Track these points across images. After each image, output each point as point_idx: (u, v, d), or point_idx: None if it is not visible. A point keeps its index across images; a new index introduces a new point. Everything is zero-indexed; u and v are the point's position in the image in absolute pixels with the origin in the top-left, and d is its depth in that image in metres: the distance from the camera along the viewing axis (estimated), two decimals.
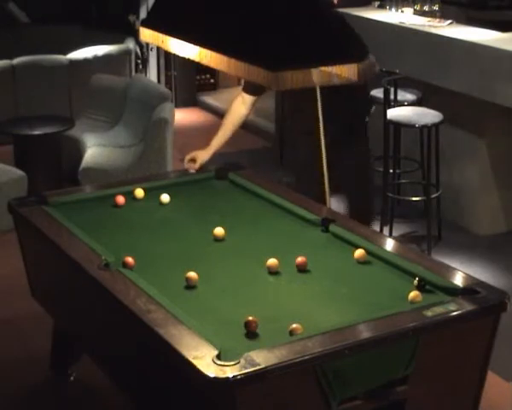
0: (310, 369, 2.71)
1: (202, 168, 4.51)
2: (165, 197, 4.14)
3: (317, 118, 4.31)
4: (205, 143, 4.60)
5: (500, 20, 6.33)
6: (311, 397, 2.75)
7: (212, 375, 2.59)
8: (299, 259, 3.43)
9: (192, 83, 9.78)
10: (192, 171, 4.48)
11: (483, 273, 5.11)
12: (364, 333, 2.88)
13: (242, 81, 4.39)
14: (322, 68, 3.57)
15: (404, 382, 2.90)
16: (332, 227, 3.78)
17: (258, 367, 2.60)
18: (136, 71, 8.98)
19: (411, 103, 6.01)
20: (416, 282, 3.21)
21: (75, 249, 3.54)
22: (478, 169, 5.95)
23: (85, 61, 8.26)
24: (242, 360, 2.63)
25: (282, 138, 7.58)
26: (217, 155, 4.55)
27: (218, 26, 3.67)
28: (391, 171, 5.94)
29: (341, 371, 2.75)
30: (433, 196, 5.79)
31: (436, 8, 6.52)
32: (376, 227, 5.76)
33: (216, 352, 2.69)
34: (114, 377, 3.56)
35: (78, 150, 6.71)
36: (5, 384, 4.26)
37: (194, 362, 2.66)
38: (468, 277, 3.29)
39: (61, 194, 4.31)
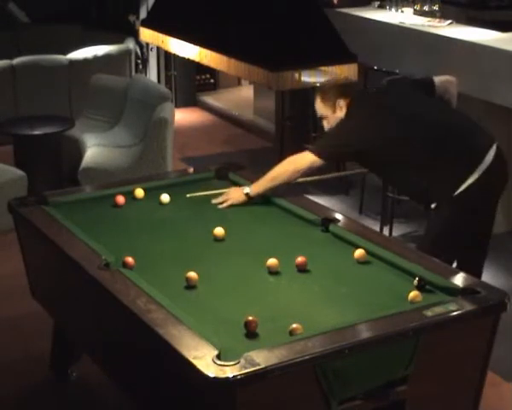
0: (310, 369, 2.71)
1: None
2: (165, 197, 4.14)
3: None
4: (205, 143, 4.60)
5: (500, 20, 6.33)
6: (311, 397, 2.75)
7: (212, 375, 2.59)
8: (299, 259, 3.43)
9: (192, 83, 9.78)
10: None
11: (483, 273, 5.11)
12: (364, 333, 2.88)
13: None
14: (323, 68, 3.58)
15: (404, 382, 2.90)
16: (332, 227, 3.78)
17: (258, 367, 2.60)
18: (136, 71, 8.98)
19: None
20: (415, 282, 3.21)
21: (75, 249, 3.54)
22: None
23: (85, 61, 8.26)
24: (242, 360, 2.63)
25: (282, 138, 7.57)
26: (217, 155, 4.55)
27: (218, 27, 3.68)
28: None
29: (341, 371, 2.75)
30: None
31: (436, 8, 6.52)
32: (376, 227, 5.77)
33: (216, 352, 2.69)
34: (114, 377, 3.56)
35: (78, 150, 6.70)
36: (5, 384, 4.26)
37: (194, 362, 2.66)
38: (468, 277, 3.29)
39: (61, 194, 4.31)
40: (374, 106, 4.16)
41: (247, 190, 4.08)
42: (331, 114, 4.16)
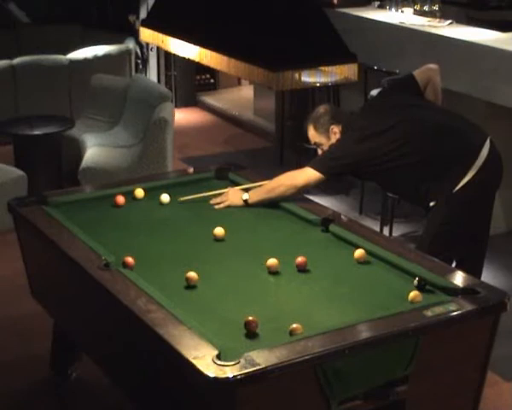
0: (310, 369, 2.71)
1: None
2: (165, 197, 4.14)
3: None
4: (205, 143, 4.60)
5: (500, 20, 6.33)
6: (311, 397, 2.75)
7: (212, 375, 2.59)
8: (299, 259, 3.43)
9: (192, 83, 9.78)
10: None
11: (483, 273, 5.11)
12: (364, 333, 2.88)
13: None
14: (323, 68, 3.58)
15: (404, 382, 2.90)
16: (332, 227, 3.78)
17: (258, 367, 2.60)
18: (136, 71, 8.98)
19: None
20: (416, 282, 3.21)
21: (75, 249, 3.54)
22: None
23: (85, 61, 8.26)
24: (242, 360, 2.63)
25: (282, 138, 7.58)
26: (217, 155, 4.54)
27: (218, 27, 3.68)
28: None
29: (341, 371, 2.75)
30: None
31: (436, 8, 6.52)
32: (376, 227, 5.77)
33: (216, 352, 2.69)
34: (114, 376, 3.55)
35: (78, 150, 6.70)
36: (5, 384, 4.26)
37: (194, 362, 2.66)
38: (468, 277, 3.29)
39: (61, 194, 4.31)
40: (367, 118, 4.17)
41: (246, 196, 4.08)
42: (326, 141, 4.17)
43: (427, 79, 4.28)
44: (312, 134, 4.22)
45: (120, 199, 4.11)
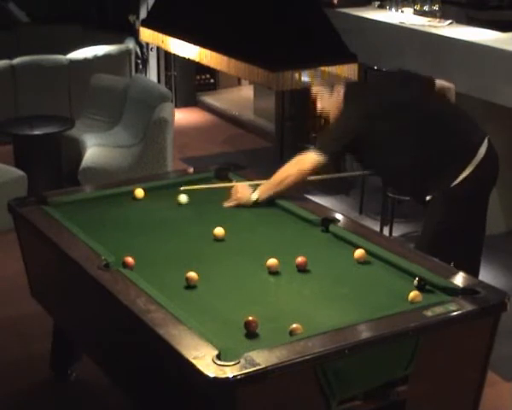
0: (310, 369, 2.71)
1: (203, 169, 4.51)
2: (139, 192, 4.14)
3: None
4: (205, 143, 4.59)
5: (500, 20, 6.33)
6: (311, 397, 2.75)
7: (212, 375, 2.59)
8: (299, 259, 3.43)
9: (192, 83, 9.79)
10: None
11: (483, 273, 5.11)
12: (364, 333, 2.88)
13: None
14: (323, 68, 3.58)
15: (404, 382, 2.90)
16: (332, 227, 3.78)
17: (258, 367, 2.60)
18: (136, 71, 8.99)
19: None
20: (416, 282, 3.21)
21: (75, 249, 3.54)
22: None
23: (85, 61, 8.27)
24: (242, 360, 2.63)
25: (282, 138, 7.58)
26: (217, 155, 4.54)
27: (218, 27, 3.68)
28: None
29: (341, 371, 2.75)
30: None
31: (436, 8, 6.52)
32: (376, 227, 5.77)
33: (216, 352, 2.69)
34: (114, 376, 3.55)
35: (78, 150, 6.71)
36: (5, 384, 4.26)
37: (194, 362, 2.66)
38: (468, 277, 3.29)
39: (61, 194, 4.31)
40: (372, 97, 4.15)
41: (255, 196, 4.06)
42: (327, 96, 4.14)
43: (443, 93, 4.30)
44: (318, 83, 4.18)
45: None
